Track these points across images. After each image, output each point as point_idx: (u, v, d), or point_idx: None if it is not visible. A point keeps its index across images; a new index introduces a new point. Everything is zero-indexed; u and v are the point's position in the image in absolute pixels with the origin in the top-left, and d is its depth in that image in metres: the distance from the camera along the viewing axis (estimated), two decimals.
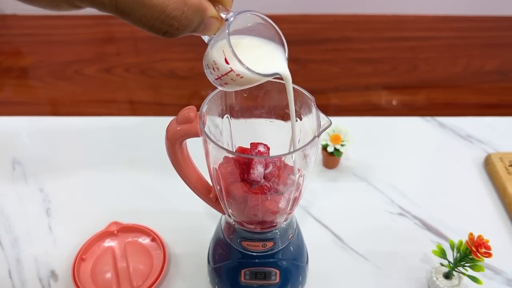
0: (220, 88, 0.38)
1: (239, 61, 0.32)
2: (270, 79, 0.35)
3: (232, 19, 0.32)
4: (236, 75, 0.34)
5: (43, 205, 0.68)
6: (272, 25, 0.35)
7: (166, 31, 0.30)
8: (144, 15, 0.28)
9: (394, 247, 0.63)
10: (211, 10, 0.32)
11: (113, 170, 0.73)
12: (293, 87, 0.43)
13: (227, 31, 0.32)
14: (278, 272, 0.51)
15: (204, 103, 0.42)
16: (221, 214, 0.52)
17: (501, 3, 2.24)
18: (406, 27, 2.18)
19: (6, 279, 0.58)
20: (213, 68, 0.35)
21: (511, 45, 2.09)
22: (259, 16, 0.34)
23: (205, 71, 0.36)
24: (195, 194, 0.50)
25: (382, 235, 0.64)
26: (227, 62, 0.34)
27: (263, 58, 0.36)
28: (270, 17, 0.34)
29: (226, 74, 0.35)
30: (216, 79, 0.36)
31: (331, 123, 0.39)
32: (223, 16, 0.33)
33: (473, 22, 2.22)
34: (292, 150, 0.44)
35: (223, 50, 0.33)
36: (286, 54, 0.36)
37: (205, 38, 0.36)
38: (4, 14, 2.37)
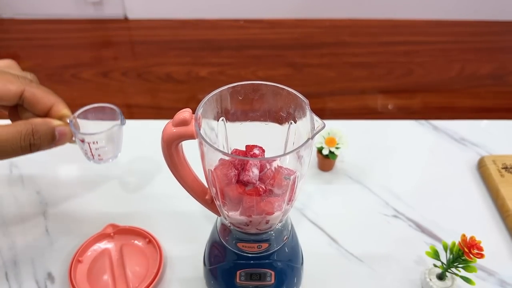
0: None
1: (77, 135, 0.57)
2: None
3: (73, 120, 0.53)
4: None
5: (40, 207, 0.68)
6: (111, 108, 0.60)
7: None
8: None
9: (389, 249, 0.63)
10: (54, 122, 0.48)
11: (110, 173, 0.74)
12: (288, 90, 0.44)
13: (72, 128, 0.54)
14: (273, 273, 0.51)
15: (200, 106, 0.42)
16: (216, 216, 0.53)
17: (495, 8, 2.26)
18: (401, 32, 2.20)
19: (3, 281, 0.58)
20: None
21: (505, 49, 2.12)
22: (97, 106, 0.57)
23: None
24: (191, 196, 0.50)
25: (377, 237, 0.65)
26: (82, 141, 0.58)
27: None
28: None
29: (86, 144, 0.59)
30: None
31: (324, 126, 0.40)
32: (68, 121, 0.52)
33: (467, 27, 2.24)
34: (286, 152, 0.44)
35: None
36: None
37: (78, 143, 0.58)
38: (1, 18, 2.38)
